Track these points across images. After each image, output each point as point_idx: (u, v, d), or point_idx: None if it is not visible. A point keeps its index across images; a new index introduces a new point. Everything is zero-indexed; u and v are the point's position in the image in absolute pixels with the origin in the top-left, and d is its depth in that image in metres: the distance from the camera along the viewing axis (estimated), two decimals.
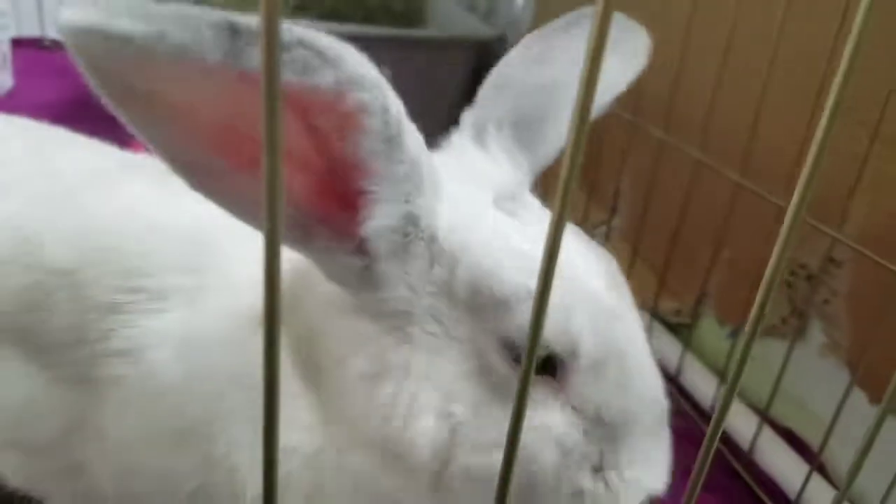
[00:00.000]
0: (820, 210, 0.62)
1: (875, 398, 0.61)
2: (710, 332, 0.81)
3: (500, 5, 1.41)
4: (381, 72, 0.33)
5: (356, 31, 1.14)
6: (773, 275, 0.20)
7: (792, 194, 0.19)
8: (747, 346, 0.21)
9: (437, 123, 0.46)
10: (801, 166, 0.19)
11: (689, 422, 0.77)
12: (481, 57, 1.28)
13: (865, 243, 0.59)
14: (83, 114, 1.42)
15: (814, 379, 0.68)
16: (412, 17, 1.64)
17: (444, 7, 1.58)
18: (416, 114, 0.41)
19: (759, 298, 0.21)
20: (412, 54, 1.24)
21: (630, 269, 0.88)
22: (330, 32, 1.16)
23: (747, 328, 0.21)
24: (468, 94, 0.65)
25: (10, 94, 1.43)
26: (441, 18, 1.54)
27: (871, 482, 0.59)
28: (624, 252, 0.93)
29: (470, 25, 1.38)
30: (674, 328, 0.86)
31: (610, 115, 0.94)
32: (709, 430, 0.23)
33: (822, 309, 0.66)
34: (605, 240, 0.97)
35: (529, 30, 1.26)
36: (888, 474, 0.55)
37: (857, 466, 0.28)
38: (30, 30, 1.78)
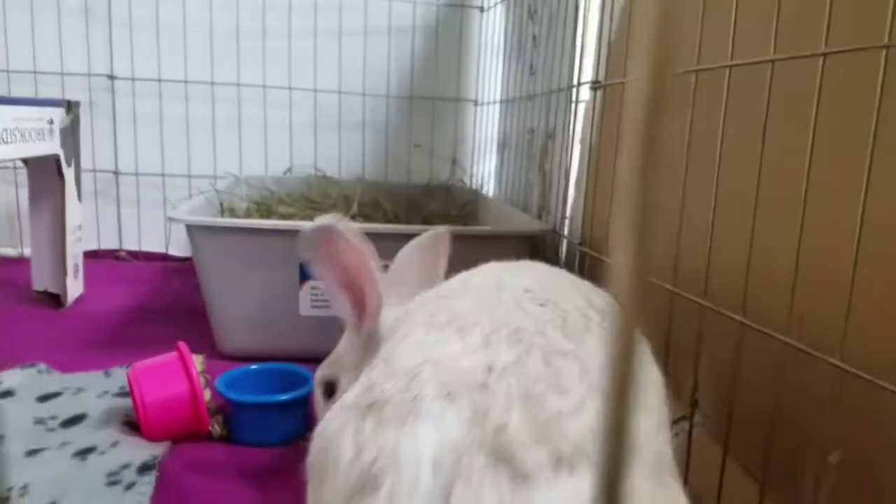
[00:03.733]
0: None
1: None
2: None
3: (553, 206, 1.43)
4: None
5: (411, 230, 1.15)
6: None
7: None
8: None
9: None
10: None
11: None
12: (534, 249, 1.27)
13: None
14: (145, 318, 1.43)
15: None
16: (467, 220, 1.68)
17: (496, 210, 1.61)
18: None
19: None
20: (467, 249, 1.24)
21: (722, 475, 0.76)
22: (389, 231, 1.17)
23: None
24: None
25: (80, 300, 1.48)
26: (493, 220, 1.56)
27: None
28: (713, 454, 0.81)
29: (521, 222, 1.39)
30: None
31: (679, 300, 0.87)
32: None
33: None
34: (688, 439, 0.86)
35: (584, 222, 1.25)
36: None
37: None
38: (108, 243, 1.89)
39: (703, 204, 0.78)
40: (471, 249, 1.17)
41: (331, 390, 0.77)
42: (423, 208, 1.76)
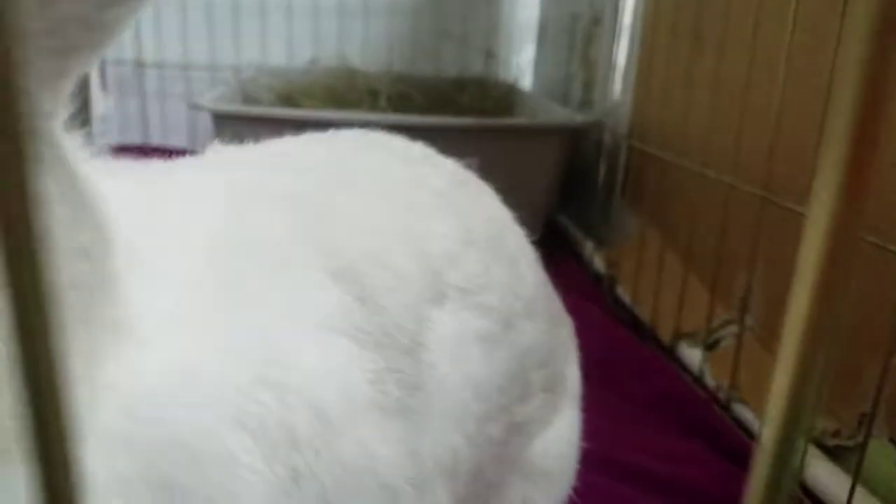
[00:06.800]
0: None
1: None
2: (883, 456, 0.64)
3: (596, 97, 1.35)
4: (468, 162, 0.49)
5: (445, 123, 1.10)
6: None
7: None
8: None
9: (528, 208, 0.53)
10: None
11: None
12: (575, 143, 1.22)
13: None
14: None
15: None
16: (502, 115, 1.61)
17: (534, 103, 1.53)
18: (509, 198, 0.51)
19: None
20: (503, 145, 1.18)
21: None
22: (423, 123, 1.07)
23: None
24: (560, 179, 0.58)
25: None
26: (531, 114, 1.49)
27: None
28: (763, 360, 0.78)
29: (561, 114, 1.33)
30: (833, 452, 0.69)
31: (735, 192, 0.82)
32: None
33: None
34: (738, 343, 0.82)
35: (631, 115, 1.18)
36: None
37: None
38: (132, 138, 1.87)
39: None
40: (508, 146, 1.11)
41: None
42: (455, 103, 1.68)
